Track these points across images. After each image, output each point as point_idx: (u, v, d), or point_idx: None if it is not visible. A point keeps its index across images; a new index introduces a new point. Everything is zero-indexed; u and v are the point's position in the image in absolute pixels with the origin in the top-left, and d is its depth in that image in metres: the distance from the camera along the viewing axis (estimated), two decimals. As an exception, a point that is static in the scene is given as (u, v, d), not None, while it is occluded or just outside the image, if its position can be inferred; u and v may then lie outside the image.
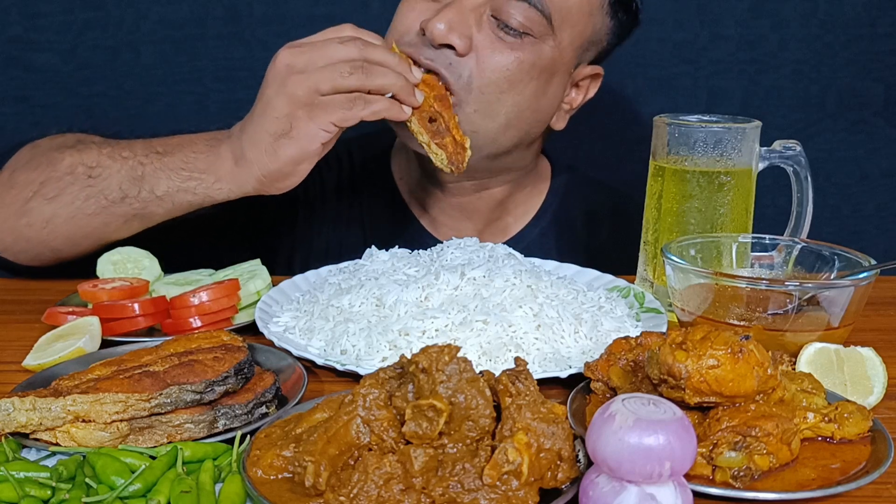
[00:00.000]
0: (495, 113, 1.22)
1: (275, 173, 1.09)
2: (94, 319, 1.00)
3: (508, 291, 1.00)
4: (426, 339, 0.93)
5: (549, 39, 1.21)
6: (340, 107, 1.05)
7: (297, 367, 0.90)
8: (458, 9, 1.18)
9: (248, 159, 1.09)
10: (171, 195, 1.12)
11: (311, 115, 1.05)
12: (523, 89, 1.22)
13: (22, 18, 1.84)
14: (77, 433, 0.74)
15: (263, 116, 1.07)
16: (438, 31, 1.16)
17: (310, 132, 1.06)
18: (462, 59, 1.18)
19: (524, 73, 1.21)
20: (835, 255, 1.07)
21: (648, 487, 0.62)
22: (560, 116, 1.35)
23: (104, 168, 1.13)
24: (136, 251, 1.18)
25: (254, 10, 1.84)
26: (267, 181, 1.10)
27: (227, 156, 1.11)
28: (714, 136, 1.13)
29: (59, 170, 1.15)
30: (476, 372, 0.69)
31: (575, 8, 1.23)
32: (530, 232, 1.44)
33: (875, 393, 0.87)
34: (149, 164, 1.12)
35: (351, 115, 1.06)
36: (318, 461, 0.65)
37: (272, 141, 1.07)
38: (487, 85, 1.19)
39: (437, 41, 1.16)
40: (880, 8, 1.85)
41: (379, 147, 1.48)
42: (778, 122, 1.88)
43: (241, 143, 1.09)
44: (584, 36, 1.27)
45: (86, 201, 1.13)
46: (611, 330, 1.01)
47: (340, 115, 1.05)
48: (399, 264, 1.10)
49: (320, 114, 1.05)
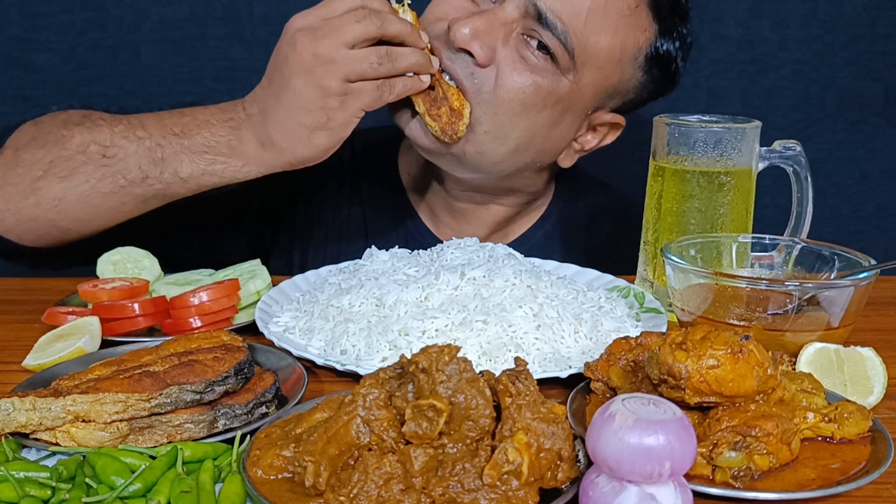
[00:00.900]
0: (506, 136, 1.20)
1: (308, 160, 1.10)
2: (94, 319, 1.00)
3: (508, 291, 1.00)
4: (426, 339, 0.93)
5: (570, 74, 1.19)
6: (370, 94, 1.07)
7: (297, 367, 0.90)
8: (489, 19, 1.16)
9: (278, 146, 1.09)
10: (195, 177, 1.11)
11: (344, 104, 1.06)
12: (536, 116, 1.20)
13: (22, 18, 1.84)
14: (77, 433, 0.74)
15: (295, 108, 1.07)
16: (462, 35, 1.14)
17: (345, 120, 1.07)
18: (483, 71, 1.16)
19: (540, 98, 1.19)
20: (835, 255, 1.07)
21: (648, 487, 0.62)
22: (569, 154, 1.33)
23: (119, 148, 1.11)
24: (135, 251, 1.18)
25: (253, 10, 1.85)
26: (297, 164, 1.11)
27: (250, 139, 1.10)
28: (714, 136, 1.13)
29: (69, 148, 1.12)
30: (476, 372, 0.69)
31: (603, 52, 1.20)
32: (534, 234, 1.43)
33: (875, 393, 0.87)
34: (168, 147, 1.11)
35: (380, 100, 1.08)
36: (318, 461, 0.65)
37: (309, 133, 1.07)
38: (502, 104, 1.17)
39: (457, 44, 1.15)
40: (880, 8, 1.86)
41: (382, 135, 1.46)
42: (778, 122, 1.89)
43: (267, 130, 1.08)
44: (609, 81, 1.24)
45: (101, 181, 1.11)
46: (611, 330, 1.01)
47: (370, 100, 1.07)
48: (399, 264, 1.10)
49: (353, 101, 1.06)
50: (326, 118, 1.06)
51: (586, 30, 1.16)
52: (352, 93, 1.06)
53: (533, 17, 1.15)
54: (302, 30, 1.07)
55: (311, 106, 1.06)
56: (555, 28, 1.15)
